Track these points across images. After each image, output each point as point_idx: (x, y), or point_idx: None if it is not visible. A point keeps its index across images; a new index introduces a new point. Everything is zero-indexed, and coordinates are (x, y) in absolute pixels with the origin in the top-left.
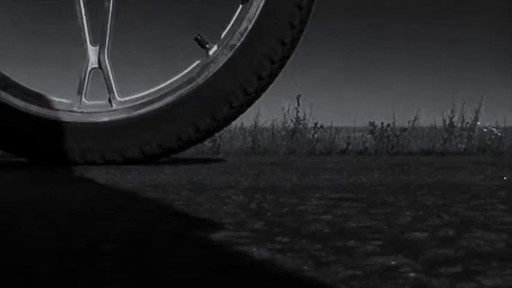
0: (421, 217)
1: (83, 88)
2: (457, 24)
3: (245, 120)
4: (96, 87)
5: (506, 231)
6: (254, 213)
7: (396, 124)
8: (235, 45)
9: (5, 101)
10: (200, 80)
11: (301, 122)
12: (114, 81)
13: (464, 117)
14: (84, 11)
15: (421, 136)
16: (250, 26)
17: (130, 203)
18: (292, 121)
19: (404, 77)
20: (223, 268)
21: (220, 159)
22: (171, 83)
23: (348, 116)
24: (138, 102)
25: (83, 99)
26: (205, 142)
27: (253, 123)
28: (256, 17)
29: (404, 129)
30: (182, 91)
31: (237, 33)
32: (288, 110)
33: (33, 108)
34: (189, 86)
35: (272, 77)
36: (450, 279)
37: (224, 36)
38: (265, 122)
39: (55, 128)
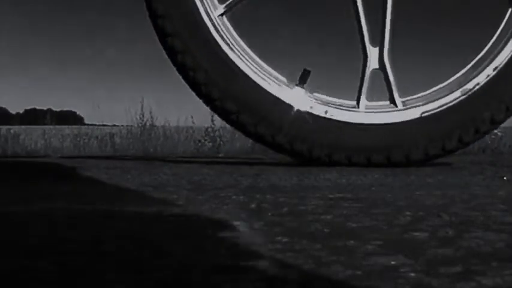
0: (421, 217)
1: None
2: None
3: None
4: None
5: (506, 231)
6: (254, 213)
7: None
8: None
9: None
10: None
11: None
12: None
13: None
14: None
15: None
16: None
17: (130, 203)
18: None
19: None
20: (223, 268)
21: (220, 159)
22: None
23: None
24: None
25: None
26: (206, 142)
27: None
28: None
29: None
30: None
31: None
32: None
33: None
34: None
35: None
36: (450, 279)
37: None
38: None
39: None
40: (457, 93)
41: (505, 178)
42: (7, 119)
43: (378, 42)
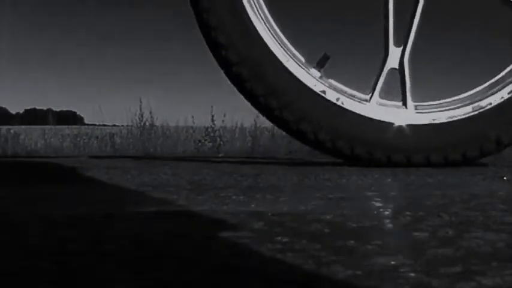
0: (421, 217)
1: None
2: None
3: (245, 120)
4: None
5: (506, 231)
6: (254, 213)
7: None
8: None
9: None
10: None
11: None
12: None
13: None
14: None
15: None
16: None
17: (130, 203)
18: None
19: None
20: (223, 268)
21: (220, 159)
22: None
23: None
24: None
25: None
26: (206, 142)
27: (254, 123)
28: None
29: None
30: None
31: None
32: None
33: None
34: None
35: None
36: (450, 279)
37: None
38: (265, 122)
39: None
40: (469, 108)
41: (505, 178)
42: (7, 119)
43: (401, 42)
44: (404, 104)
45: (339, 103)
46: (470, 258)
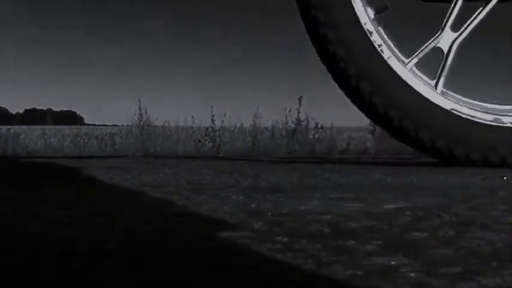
0: (421, 217)
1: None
2: None
3: (245, 120)
4: None
5: (506, 231)
6: (254, 213)
7: None
8: None
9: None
10: None
11: (302, 122)
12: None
13: None
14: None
15: None
16: None
17: (130, 203)
18: (293, 121)
19: None
20: (223, 268)
21: (220, 159)
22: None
23: (348, 116)
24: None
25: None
26: (206, 142)
27: (253, 123)
28: None
29: None
30: None
31: None
32: (290, 111)
33: None
34: None
35: None
36: (450, 279)
37: None
38: (265, 122)
39: None
40: (490, 117)
41: (505, 178)
42: (7, 119)
43: (457, 28)
44: (436, 83)
45: (379, 50)
46: (470, 258)
